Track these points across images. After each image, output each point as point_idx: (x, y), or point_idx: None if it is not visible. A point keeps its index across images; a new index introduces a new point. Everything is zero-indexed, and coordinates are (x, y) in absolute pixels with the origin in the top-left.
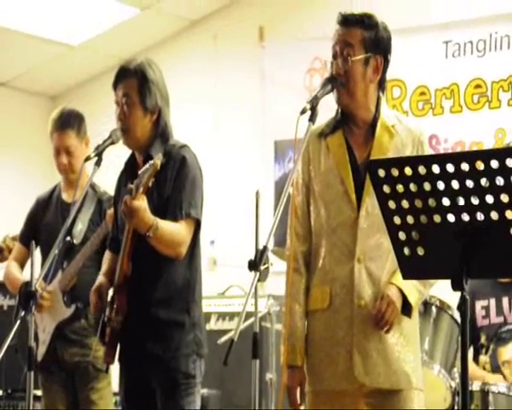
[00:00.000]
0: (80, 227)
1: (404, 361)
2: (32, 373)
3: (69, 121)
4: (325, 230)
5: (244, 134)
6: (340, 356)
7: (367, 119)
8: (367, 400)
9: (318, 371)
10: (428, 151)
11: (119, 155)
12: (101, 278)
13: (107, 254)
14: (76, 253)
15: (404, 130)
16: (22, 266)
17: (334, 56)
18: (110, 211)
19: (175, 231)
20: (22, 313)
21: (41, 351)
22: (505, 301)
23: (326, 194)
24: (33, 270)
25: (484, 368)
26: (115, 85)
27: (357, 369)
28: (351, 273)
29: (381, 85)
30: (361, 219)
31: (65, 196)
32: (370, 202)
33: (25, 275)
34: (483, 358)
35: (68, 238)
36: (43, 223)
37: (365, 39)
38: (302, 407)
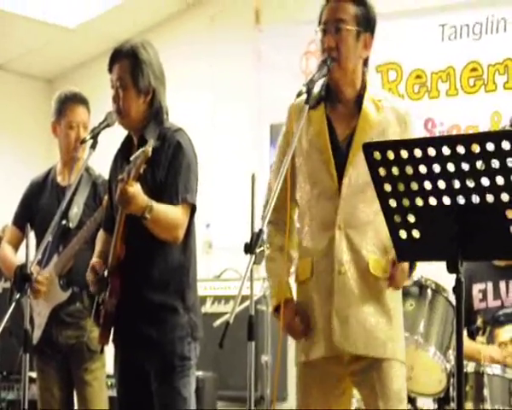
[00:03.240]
0: (76, 211)
1: (383, 331)
2: (28, 356)
3: (83, 99)
4: (307, 202)
5: (240, 117)
6: (320, 324)
7: (352, 95)
8: (349, 369)
9: (304, 342)
10: (413, 132)
11: (115, 136)
12: (94, 260)
13: (101, 235)
14: (72, 237)
15: (390, 107)
16: (16, 248)
17: (325, 32)
18: (107, 197)
19: (171, 213)
20: (17, 296)
21: (36, 334)
22: (502, 284)
23: (307, 166)
24: (28, 253)
25: None
26: (110, 68)
27: (336, 335)
28: (331, 241)
29: (366, 64)
30: (343, 188)
31: (60, 179)
32: (354, 172)
33: (19, 257)
34: (480, 338)
35: (64, 222)
36: (38, 206)
37: (358, 15)
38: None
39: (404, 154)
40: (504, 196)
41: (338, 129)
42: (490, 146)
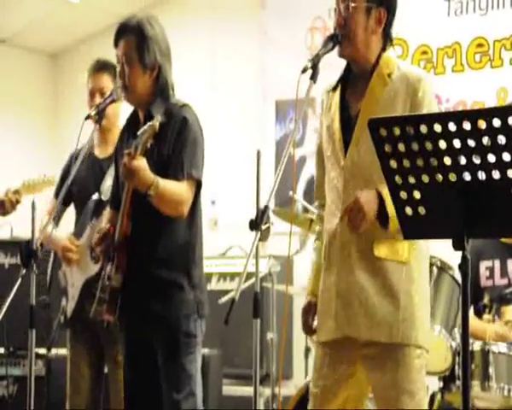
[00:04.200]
0: (108, 184)
1: (387, 313)
2: (34, 331)
3: (106, 65)
4: (328, 184)
5: (245, 94)
6: (330, 307)
7: (367, 70)
8: (361, 352)
9: (319, 324)
10: (425, 98)
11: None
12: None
13: (107, 212)
14: (104, 209)
15: (400, 77)
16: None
17: (336, 10)
18: None
19: (176, 189)
20: (23, 271)
21: (70, 306)
22: (510, 263)
23: (327, 148)
24: (34, 228)
25: None
26: (116, 43)
27: (340, 319)
28: (338, 224)
29: (386, 40)
30: (346, 170)
31: (97, 152)
32: (356, 152)
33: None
34: (486, 316)
35: (97, 195)
36: (76, 178)
37: None
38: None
39: (410, 130)
40: (511, 173)
41: (352, 106)
42: (496, 122)
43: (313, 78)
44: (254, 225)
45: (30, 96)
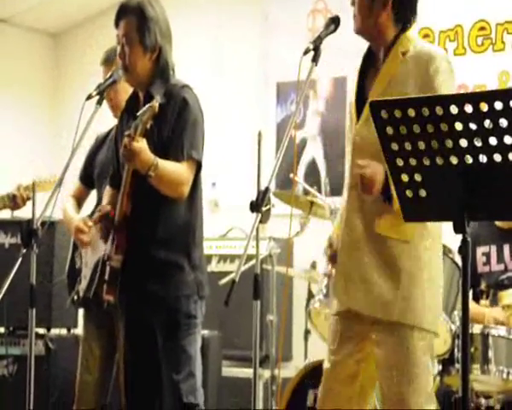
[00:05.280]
0: None
1: (388, 291)
2: (34, 310)
3: (115, 56)
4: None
5: (246, 76)
6: (336, 280)
7: (382, 51)
8: (369, 330)
9: (331, 296)
10: (439, 77)
11: None
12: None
13: (108, 190)
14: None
15: (414, 56)
16: (79, 203)
17: None
18: None
19: (176, 170)
20: (24, 251)
21: (83, 286)
22: (506, 248)
23: (349, 125)
24: (34, 208)
25: None
26: (116, 24)
27: (341, 291)
28: (346, 200)
29: (399, 21)
30: (355, 145)
31: None
32: (366, 128)
33: (83, 212)
34: (483, 302)
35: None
36: (97, 160)
37: None
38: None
39: (412, 112)
40: None
41: (367, 85)
42: (498, 105)
43: (315, 60)
44: (255, 206)
45: (31, 76)
